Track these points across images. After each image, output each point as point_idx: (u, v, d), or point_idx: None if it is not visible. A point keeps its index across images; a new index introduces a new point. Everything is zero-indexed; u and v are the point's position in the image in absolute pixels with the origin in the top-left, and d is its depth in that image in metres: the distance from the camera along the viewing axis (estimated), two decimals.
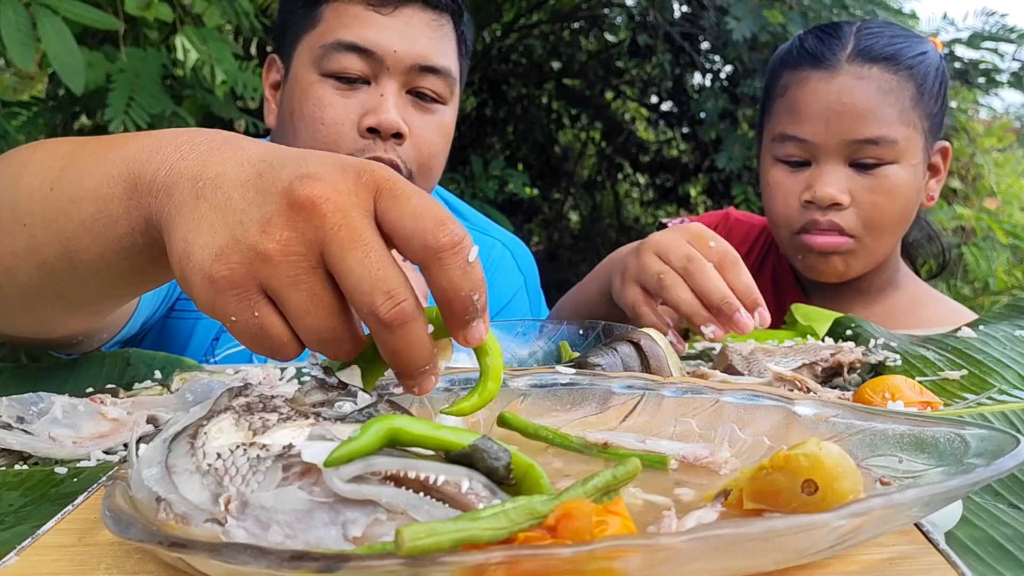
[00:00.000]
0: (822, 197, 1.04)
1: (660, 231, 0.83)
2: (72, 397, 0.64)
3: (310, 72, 0.97)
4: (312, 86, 0.96)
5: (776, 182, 1.09)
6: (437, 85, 0.98)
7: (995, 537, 0.42)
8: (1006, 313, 0.90)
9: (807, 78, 1.07)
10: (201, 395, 0.66)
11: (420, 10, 0.97)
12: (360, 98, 0.96)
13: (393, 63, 0.95)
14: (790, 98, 1.08)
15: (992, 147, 4.07)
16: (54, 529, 0.44)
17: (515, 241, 1.21)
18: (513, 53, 3.90)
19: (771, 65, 1.16)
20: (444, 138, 1.01)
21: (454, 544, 0.32)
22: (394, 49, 0.95)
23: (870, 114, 1.03)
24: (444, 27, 0.99)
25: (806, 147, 1.06)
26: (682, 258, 0.74)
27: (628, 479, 0.38)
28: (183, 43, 1.93)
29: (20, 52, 1.60)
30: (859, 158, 1.04)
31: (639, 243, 0.82)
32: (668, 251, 0.75)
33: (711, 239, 0.77)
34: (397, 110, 0.95)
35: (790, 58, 1.10)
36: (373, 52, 0.95)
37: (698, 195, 4.19)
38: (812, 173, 1.06)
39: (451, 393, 0.56)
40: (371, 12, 0.96)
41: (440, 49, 0.98)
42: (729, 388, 0.52)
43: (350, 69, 0.95)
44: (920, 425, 0.44)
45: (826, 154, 1.05)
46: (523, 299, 1.15)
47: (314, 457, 0.37)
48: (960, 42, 2.76)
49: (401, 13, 0.96)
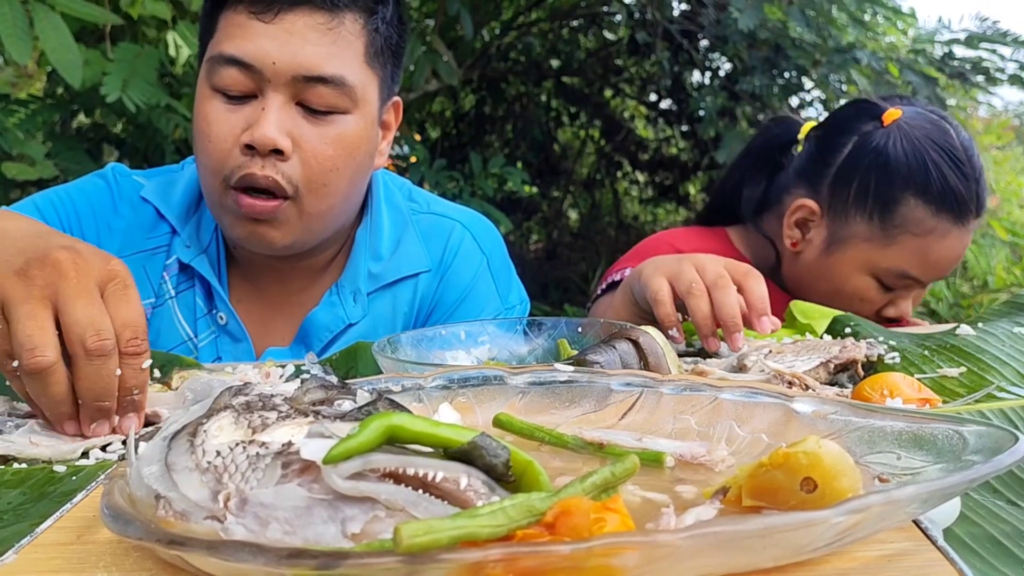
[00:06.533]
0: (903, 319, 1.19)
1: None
2: None
3: (204, 85, 0.92)
4: (203, 100, 0.91)
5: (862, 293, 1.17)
6: (329, 95, 0.90)
7: (993, 534, 0.42)
8: (1005, 310, 0.90)
9: (949, 231, 1.12)
10: (201, 393, 0.66)
11: (306, 14, 0.89)
12: (245, 112, 0.89)
13: (273, 75, 0.88)
14: (927, 245, 1.12)
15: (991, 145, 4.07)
16: (53, 527, 0.44)
17: (475, 219, 1.14)
18: (512, 51, 3.90)
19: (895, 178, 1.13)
20: (345, 151, 0.92)
21: (452, 541, 0.32)
22: (272, 60, 0.87)
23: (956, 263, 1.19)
24: (339, 29, 0.90)
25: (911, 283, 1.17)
26: (714, 275, 0.84)
27: (626, 476, 0.38)
28: (175, 39, 1.93)
29: (17, 47, 1.60)
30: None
31: (684, 255, 0.91)
32: (705, 267, 0.86)
33: (744, 265, 0.87)
34: (278, 125, 0.88)
35: (944, 203, 1.11)
36: (251, 64, 0.88)
37: (697, 193, 4.19)
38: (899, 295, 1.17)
39: (450, 391, 0.56)
40: (253, 20, 0.88)
41: (331, 56, 0.89)
42: (727, 385, 0.52)
43: (232, 85, 0.89)
44: (918, 422, 0.44)
45: (921, 288, 1.19)
46: (486, 279, 1.10)
47: (313, 454, 0.37)
48: (958, 42, 2.77)
49: (283, 20, 0.88)
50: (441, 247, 1.08)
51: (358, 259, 1.03)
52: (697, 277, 0.84)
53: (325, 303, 1.01)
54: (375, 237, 1.05)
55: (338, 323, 1.01)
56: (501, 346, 0.84)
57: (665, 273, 0.88)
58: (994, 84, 2.75)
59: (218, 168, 0.90)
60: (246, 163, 0.89)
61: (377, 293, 1.04)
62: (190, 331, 1.00)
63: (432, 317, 1.07)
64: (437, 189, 2.88)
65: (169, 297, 1.00)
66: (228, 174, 0.90)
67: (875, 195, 1.13)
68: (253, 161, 0.89)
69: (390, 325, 1.04)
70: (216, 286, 0.99)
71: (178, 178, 1.05)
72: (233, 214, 0.92)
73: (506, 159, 3.41)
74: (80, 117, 2.51)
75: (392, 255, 1.05)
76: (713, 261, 0.87)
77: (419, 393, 0.56)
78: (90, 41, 2.09)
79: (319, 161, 0.91)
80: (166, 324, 1.00)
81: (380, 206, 1.06)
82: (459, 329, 0.84)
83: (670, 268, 0.88)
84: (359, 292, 1.02)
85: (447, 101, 4.11)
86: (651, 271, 0.90)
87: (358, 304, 1.02)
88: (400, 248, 1.06)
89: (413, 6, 3.21)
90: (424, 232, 1.08)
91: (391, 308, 1.05)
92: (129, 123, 2.38)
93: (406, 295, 1.06)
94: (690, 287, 0.84)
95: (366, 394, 0.46)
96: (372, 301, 1.04)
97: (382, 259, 1.05)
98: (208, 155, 0.91)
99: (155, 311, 1.00)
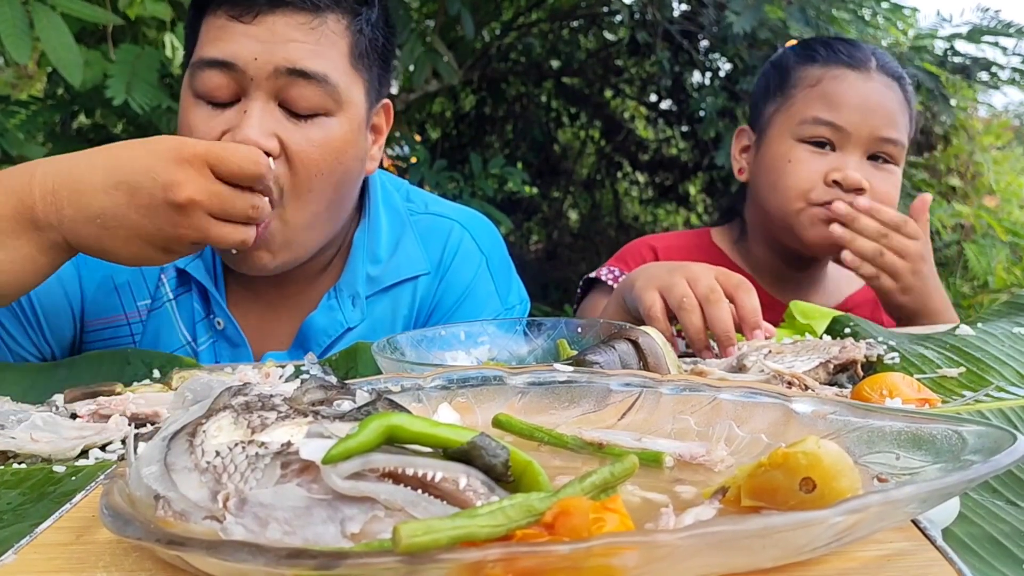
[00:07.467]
0: (852, 180, 1.14)
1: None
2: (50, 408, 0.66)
3: (187, 93, 0.91)
4: (187, 109, 0.90)
5: (800, 159, 1.18)
6: (313, 95, 0.88)
7: (992, 534, 0.42)
8: (1005, 310, 0.90)
9: (844, 74, 1.18)
10: (200, 394, 0.66)
11: (287, 15, 0.88)
12: (227, 116, 0.88)
13: (255, 72, 0.86)
14: (825, 88, 1.18)
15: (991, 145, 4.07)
16: (52, 527, 0.44)
17: (474, 219, 1.13)
18: (512, 51, 3.89)
19: (784, 59, 1.26)
20: (330, 154, 0.90)
21: (451, 541, 0.32)
22: (254, 56, 0.86)
23: (893, 117, 1.18)
24: (321, 28, 0.89)
25: (838, 134, 1.17)
26: (706, 288, 0.84)
27: (625, 476, 0.38)
28: (172, 41, 1.93)
29: (17, 47, 1.60)
30: (876, 154, 1.17)
31: (675, 264, 0.92)
32: (697, 280, 0.85)
33: (736, 275, 0.88)
34: (262, 126, 0.86)
35: (819, 55, 1.22)
36: (233, 63, 0.86)
37: (697, 193, 4.18)
38: (839, 157, 1.17)
39: (449, 392, 0.56)
40: (233, 23, 0.88)
41: (314, 52, 0.88)
42: (727, 386, 0.52)
43: (215, 89, 0.88)
44: (918, 422, 0.44)
45: (854, 143, 1.16)
46: (486, 279, 1.09)
47: (312, 454, 0.37)
48: (960, 37, 2.76)
49: (264, 21, 0.87)
50: (440, 248, 1.08)
51: (356, 262, 1.02)
52: (688, 291, 0.85)
53: (323, 307, 1.01)
54: (373, 240, 1.04)
55: (337, 327, 1.01)
56: (501, 346, 0.84)
57: (657, 286, 0.88)
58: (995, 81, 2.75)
59: None
60: None
61: (376, 296, 1.04)
62: (188, 335, 1.00)
63: (432, 318, 1.07)
64: (437, 190, 2.88)
65: (167, 300, 1.00)
66: None
67: (773, 82, 1.25)
68: None
69: (389, 328, 1.04)
70: (213, 291, 0.99)
71: None
72: None
73: (506, 159, 3.41)
74: (80, 118, 2.51)
75: (390, 257, 1.05)
76: (704, 272, 0.87)
77: (418, 393, 0.56)
78: (90, 42, 2.09)
79: (304, 164, 0.89)
80: (165, 327, 0.99)
81: (378, 208, 1.06)
82: (459, 329, 0.84)
83: (662, 281, 0.88)
84: (358, 296, 1.02)
85: (447, 101, 4.10)
86: (643, 284, 0.90)
87: (357, 308, 1.02)
88: (398, 250, 1.05)
89: (413, 6, 3.21)
90: (422, 233, 1.08)
91: (391, 311, 1.05)
92: (130, 124, 2.38)
93: (405, 298, 1.05)
94: (681, 302, 0.84)
95: (365, 394, 0.46)
96: (371, 304, 1.03)
97: (380, 262, 1.04)
98: None
99: (152, 313, 0.99)
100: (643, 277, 0.91)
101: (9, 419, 0.61)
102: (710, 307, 0.83)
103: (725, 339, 0.82)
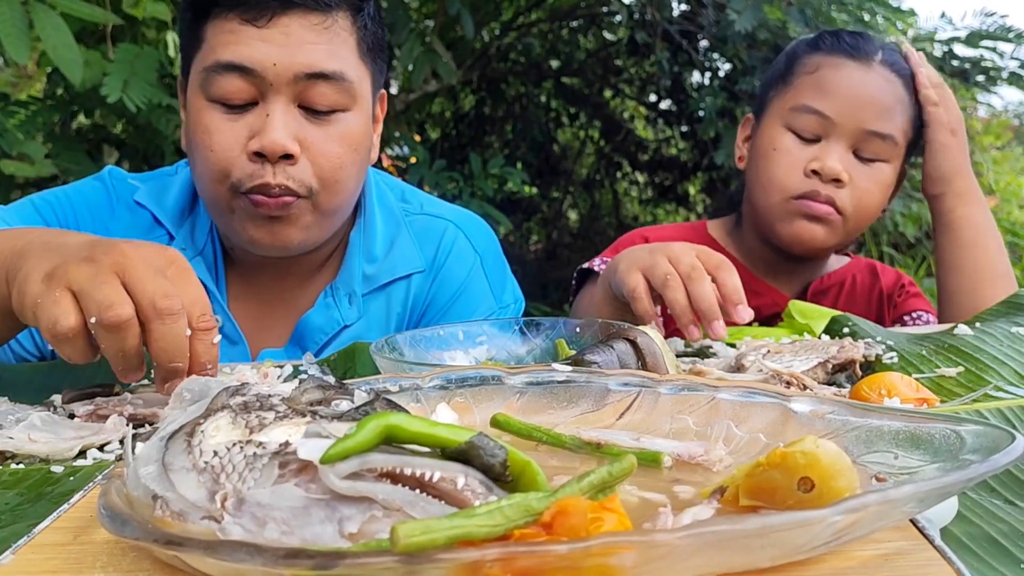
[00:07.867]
0: (830, 170, 1.13)
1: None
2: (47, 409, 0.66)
3: (199, 97, 0.91)
4: (200, 112, 0.90)
5: (785, 148, 1.17)
6: (331, 93, 0.90)
7: (991, 533, 0.42)
8: (1003, 310, 0.90)
9: (843, 64, 1.17)
10: (199, 394, 0.66)
11: (301, 16, 0.88)
12: (248, 119, 0.89)
13: (275, 77, 0.87)
14: (821, 76, 1.17)
15: (991, 145, 4.07)
16: (50, 527, 0.44)
17: (468, 219, 1.14)
18: (511, 52, 3.89)
19: (796, 47, 1.25)
20: (351, 148, 0.93)
21: (449, 541, 0.32)
22: (273, 62, 0.87)
23: (887, 111, 1.15)
24: (333, 27, 0.90)
25: (824, 123, 1.15)
26: (688, 266, 0.85)
27: (624, 476, 0.38)
28: (173, 40, 1.93)
29: (16, 47, 1.60)
30: (863, 148, 1.15)
31: (655, 245, 0.92)
32: (678, 258, 0.86)
33: (716, 255, 0.88)
34: (285, 129, 0.88)
35: (824, 44, 1.20)
36: (252, 69, 0.87)
37: (696, 193, 4.18)
38: (823, 147, 1.15)
39: (447, 392, 0.56)
40: (247, 26, 0.88)
41: (329, 52, 0.89)
42: (725, 385, 0.52)
43: (233, 93, 0.88)
44: (916, 422, 0.44)
45: (839, 134, 1.14)
46: (480, 278, 1.10)
47: (310, 454, 0.37)
48: (959, 40, 2.76)
49: (277, 23, 0.88)
50: (434, 247, 1.08)
51: (352, 260, 1.03)
52: (671, 269, 0.85)
53: (320, 305, 1.01)
54: (368, 239, 1.05)
55: (333, 325, 1.01)
56: (499, 346, 0.84)
57: (640, 267, 0.88)
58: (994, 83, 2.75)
59: (222, 176, 0.90)
60: (257, 171, 0.88)
61: (371, 294, 1.04)
62: None
63: (425, 317, 1.07)
64: (437, 190, 2.88)
65: None
66: (236, 182, 0.89)
67: (779, 70, 1.24)
68: (264, 169, 0.88)
69: (384, 326, 1.04)
70: (212, 289, 0.99)
71: (172, 182, 1.05)
72: (247, 216, 0.91)
73: (506, 159, 3.41)
74: (80, 118, 2.51)
75: (386, 256, 1.05)
76: (685, 250, 0.87)
77: (417, 393, 0.56)
78: (90, 42, 2.09)
79: (328, 160, 0.91)
80: None
81: (373, 207, 1.06)
82: (457, 329, 0.84)
83: (643, 262, 0.88)
84: (354, 294, 1.02)
85: (447, 102, 4.10)
86: (626, 266, 0.90)
87: (353, 306, 1.02)
88: (394, 249, 1.06)
89: (413, 6, 3.21)
90: (418, 232, 1.08)
91: (385, 309, 1.05)
92: (129, 124, 2.38)
93: (399, 296, 1.06)
94: (665, 279, 0.85)
95: (363, 394, 0.46)
96: (366, 302, 1.04)
97: (376, 260, 1.05)
98: (211, 164, 0.90)
99: None
100: (626, 260, 0.92)
101: (7, 419, 0.61)
102: (692, 284, 0.83)
103: (710, 314, 0.82)
